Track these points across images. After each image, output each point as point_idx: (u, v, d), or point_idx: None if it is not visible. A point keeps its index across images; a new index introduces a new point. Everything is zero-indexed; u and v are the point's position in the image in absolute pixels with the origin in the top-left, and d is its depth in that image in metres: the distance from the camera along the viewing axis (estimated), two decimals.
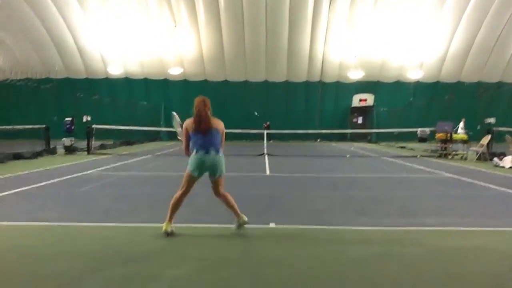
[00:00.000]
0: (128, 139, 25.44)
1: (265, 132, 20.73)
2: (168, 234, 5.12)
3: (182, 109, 35.25)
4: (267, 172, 12.39)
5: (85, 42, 31.03)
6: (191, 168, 5.20)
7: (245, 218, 5.33)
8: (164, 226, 5.17)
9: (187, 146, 5.34)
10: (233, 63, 31.74)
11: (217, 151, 5.21)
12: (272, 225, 5.79)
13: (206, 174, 5.29)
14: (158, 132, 30.52)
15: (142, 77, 32.91)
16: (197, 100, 5.26)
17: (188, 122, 5.27)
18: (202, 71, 32.39)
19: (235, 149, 20.78)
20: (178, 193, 5.30)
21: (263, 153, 17.96)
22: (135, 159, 16.03)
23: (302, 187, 9.52)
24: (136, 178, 10.89)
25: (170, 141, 30.09)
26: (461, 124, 22.56)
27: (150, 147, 23.38)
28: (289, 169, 13.28)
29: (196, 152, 5.20)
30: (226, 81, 32.76)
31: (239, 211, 5.35)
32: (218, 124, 5.31)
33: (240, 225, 5.33)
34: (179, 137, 5.72)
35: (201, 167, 5.19)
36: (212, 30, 29.95)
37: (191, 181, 5.26)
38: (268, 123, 30.72)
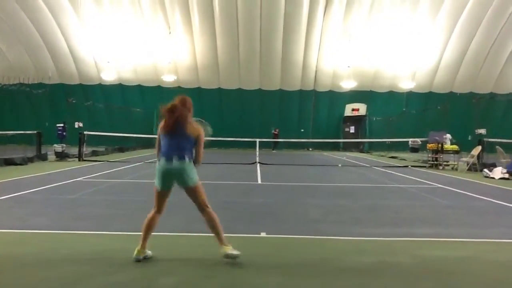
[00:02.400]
0: (121, 145, 25.36)
1: (258, 140, 20.70)
2: (139, 261, 4.43)
3: None
4: (259, 180, 12.39)
5: (79, 48, 31.01)
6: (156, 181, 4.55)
7: (228, 250, 4.43)
8: (135, 251, 4.45)
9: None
10: (227, 71, 31.82)
11: (182, 158, 4.45)
12: (263, 234, 5.78)
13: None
14: (151, 139, 30.42)
15: (136, 84, 32.87)
16: (176, 98, 4.63)
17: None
18: (196, 78, 32.41)
19: (227, 157, 20.78)
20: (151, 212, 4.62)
21: (255, 162, 17.96)
22: (127, 166, 15.97)
23: (294, 196, 9.53)
24: (127, 186, 10.84)
25: None
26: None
27: (143, 154, 23.32)
28: (281, 178, 13.29)
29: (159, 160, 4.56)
30: (220, 88, 32.80)
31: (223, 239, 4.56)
32: (194, 130, 4.57)
33: (225, 255, 4.45)
34: None
35: (164, 178, 4.51)
36: (206, 38, 30.05)
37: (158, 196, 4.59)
38: (277, 130, 30.74)
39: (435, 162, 17.68)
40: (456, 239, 5.75)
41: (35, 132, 18.12)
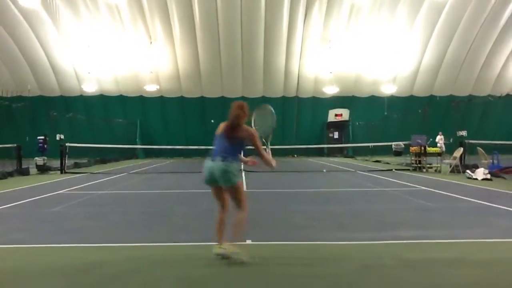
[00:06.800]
0: (104, 157, 25.07)
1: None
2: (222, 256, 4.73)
3: (159, 126, 34.83)
4: (244, 188, 12.30)
5: (59, 60, 30.62)
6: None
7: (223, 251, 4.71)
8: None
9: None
10: (209, 80, 31.76)
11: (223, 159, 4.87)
12: (248, 242, 5.71)
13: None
14: (134, 150, 30.16)
15: (117, 94, 32.59)
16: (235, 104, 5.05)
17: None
18: (178, 87, 32.30)
19: None
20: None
21: (240, 169, 17.85)
22: (109, 178, 15.76)
23: (279, 203, 9.48)
24: (109, 197, 10.67)
25: (146, 158, 29.75)
26: (438, 138, 22.97)
27: (126, 165, 23.06)
28: (266, 185, 13.24)
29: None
30: (202, 97, 32.71)
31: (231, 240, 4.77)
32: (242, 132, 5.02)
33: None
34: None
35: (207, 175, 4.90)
36: (187, 47, 29.97)
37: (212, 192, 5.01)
38: None
39: (419, 165, 17.81)
40: (440, 240, 5.75)
41: (14, 145, 17.74)
